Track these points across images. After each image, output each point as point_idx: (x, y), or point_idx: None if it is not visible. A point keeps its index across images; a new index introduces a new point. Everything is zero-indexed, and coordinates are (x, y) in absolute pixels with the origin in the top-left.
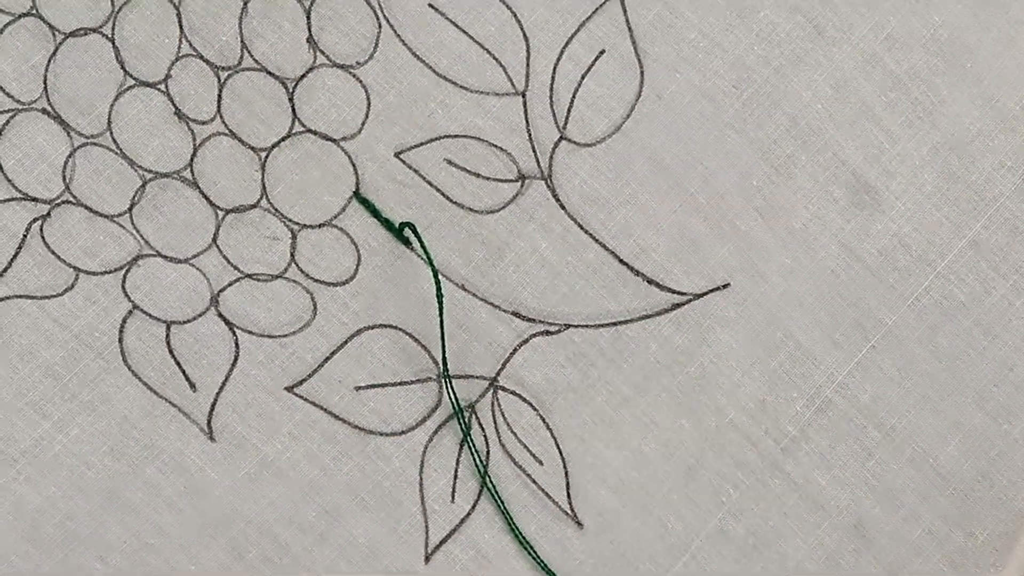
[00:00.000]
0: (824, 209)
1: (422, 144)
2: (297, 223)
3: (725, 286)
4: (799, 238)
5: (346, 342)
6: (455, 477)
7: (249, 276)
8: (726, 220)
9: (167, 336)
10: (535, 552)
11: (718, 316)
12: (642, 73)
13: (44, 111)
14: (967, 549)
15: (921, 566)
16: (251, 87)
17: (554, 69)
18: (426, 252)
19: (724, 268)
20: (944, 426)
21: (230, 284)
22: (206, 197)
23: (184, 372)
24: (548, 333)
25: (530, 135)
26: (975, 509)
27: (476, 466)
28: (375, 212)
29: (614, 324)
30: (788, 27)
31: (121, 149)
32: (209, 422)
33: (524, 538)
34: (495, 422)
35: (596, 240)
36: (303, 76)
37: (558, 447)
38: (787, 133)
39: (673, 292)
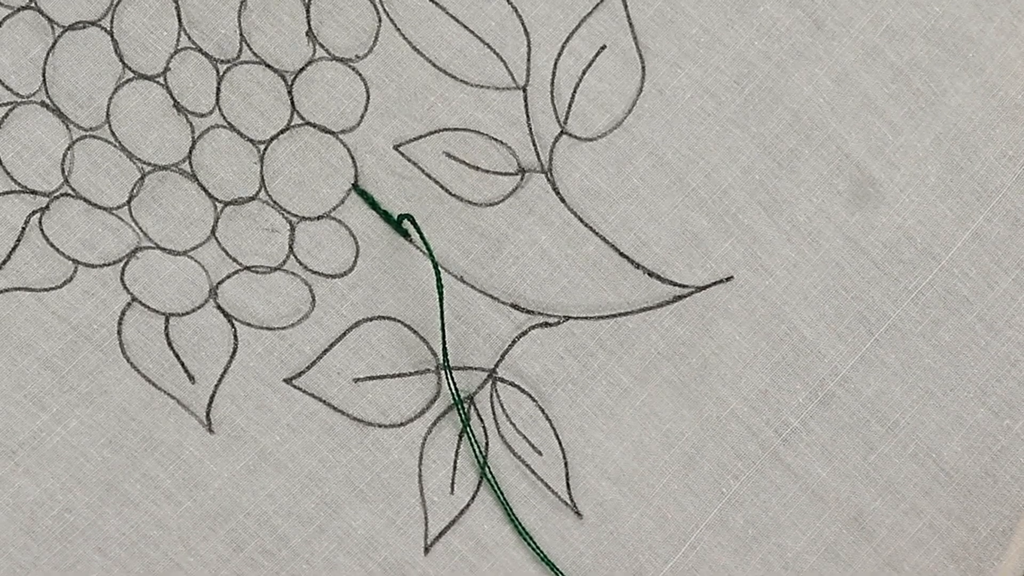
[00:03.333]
0: (828, 202)
1: (421, 137)
2: (296, 215)
3: (728, 279)
4: (803, 232)
5: (345, 334)
6: (454, 468)
7: (248, 268)
8: (729, 215)
9: (166, 328)
10: (535, 543)
11: (721, 308)
12: (643, 68)
13: (43, 104)
14: (969, 543)
15: (922, 559)
16: (250, 80)
17: (555, 64)
18: (425, 244)
19: (727, 262)
20: (947, 421)
21: (229, 276)
22: (205, 189)
23: (183, 364)
24: (547, 325)
25: (530, 129)
26: (978, 504)
27: (475, 457)
28: (374, 204)
29: (614, 316)
30: (788, 21)
31: (120, 142)
32: (208, 414)
33: (524, 529)
34: (494, 413)
35: (596, 233)
36: (302, 69)
37: (557, 438)
38: (789, 127)
39: (674, 284)
